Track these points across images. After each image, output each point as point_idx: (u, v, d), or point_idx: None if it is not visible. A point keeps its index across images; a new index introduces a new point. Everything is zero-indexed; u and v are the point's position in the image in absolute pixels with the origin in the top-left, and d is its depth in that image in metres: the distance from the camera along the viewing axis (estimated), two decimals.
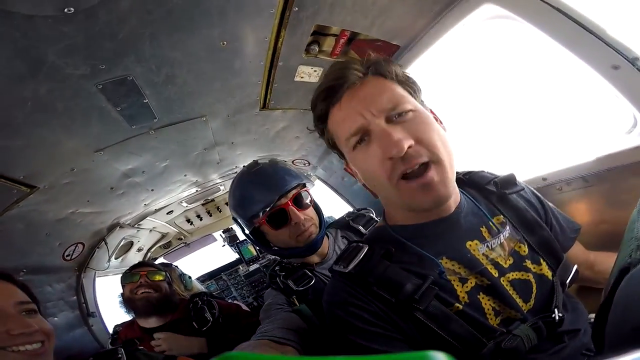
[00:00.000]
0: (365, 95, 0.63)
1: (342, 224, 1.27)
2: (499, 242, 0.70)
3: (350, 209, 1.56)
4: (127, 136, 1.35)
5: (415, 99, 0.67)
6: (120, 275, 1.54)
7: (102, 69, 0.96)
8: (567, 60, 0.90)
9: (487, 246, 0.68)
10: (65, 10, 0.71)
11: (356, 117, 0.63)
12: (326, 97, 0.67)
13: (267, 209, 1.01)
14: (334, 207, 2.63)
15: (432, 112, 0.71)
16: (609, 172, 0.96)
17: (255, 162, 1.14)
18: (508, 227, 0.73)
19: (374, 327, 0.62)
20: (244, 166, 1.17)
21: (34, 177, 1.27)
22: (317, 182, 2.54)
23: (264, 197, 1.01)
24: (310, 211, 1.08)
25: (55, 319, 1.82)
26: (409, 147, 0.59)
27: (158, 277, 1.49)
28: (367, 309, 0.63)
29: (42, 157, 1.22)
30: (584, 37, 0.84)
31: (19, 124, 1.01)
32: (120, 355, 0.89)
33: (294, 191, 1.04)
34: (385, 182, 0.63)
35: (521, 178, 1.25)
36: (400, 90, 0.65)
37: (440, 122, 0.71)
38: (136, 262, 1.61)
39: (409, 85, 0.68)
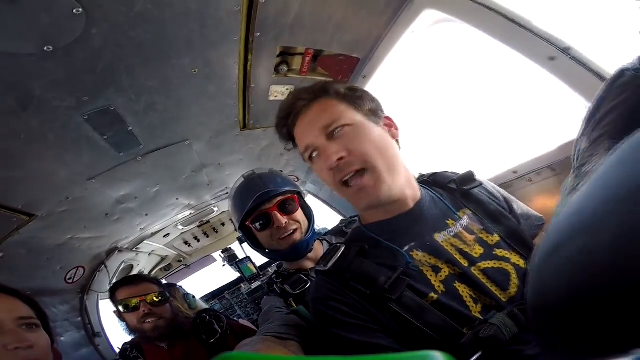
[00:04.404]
0: (310, 119, 0.75)
1: (337, 231, 1.35)
2: (457, 230, 0.74)
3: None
4: (116, 163, 1.44)
5: (358, 110, 0.74)
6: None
7: (86, 101, 1.05)
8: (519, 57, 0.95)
9: (448, 232, 0.73)
10: (45, 48, 0.81)
11: (304, 137, 0.76)
12: (285, 125, 0.80)
13: (251, 209, 1.07)
14: (332, 219, 2.65)
15: (387, 118, 0.79)
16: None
17: (252, 172, 1.20)
18: (466, 216, 0.77)
19: (353, 319, 0.65)
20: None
21: (31, 205, 1.36)
22: (309, 197, 2.57)
23: (250, 199, 1.08)
24: (298, 215, 1.11)
25: (62, 338, 1.88)
26: (340, 158, 0.69)
27: (155, 297, 1.39)
28: (346, 302, 0.67)
29: (39, 187, 1.31)
30: (518, 32, 0.90)
31: (15, 155, 1.10)
32: None
33: (280, 197, 1.09)
34: (334, 188, 0.74)
35: (493, 173, 1.28)
36: (340, 107, 0.74)
37: (395, 127, 0.79)
38: (122, 279, 1.53)
39: (352, 99, 0.76)
